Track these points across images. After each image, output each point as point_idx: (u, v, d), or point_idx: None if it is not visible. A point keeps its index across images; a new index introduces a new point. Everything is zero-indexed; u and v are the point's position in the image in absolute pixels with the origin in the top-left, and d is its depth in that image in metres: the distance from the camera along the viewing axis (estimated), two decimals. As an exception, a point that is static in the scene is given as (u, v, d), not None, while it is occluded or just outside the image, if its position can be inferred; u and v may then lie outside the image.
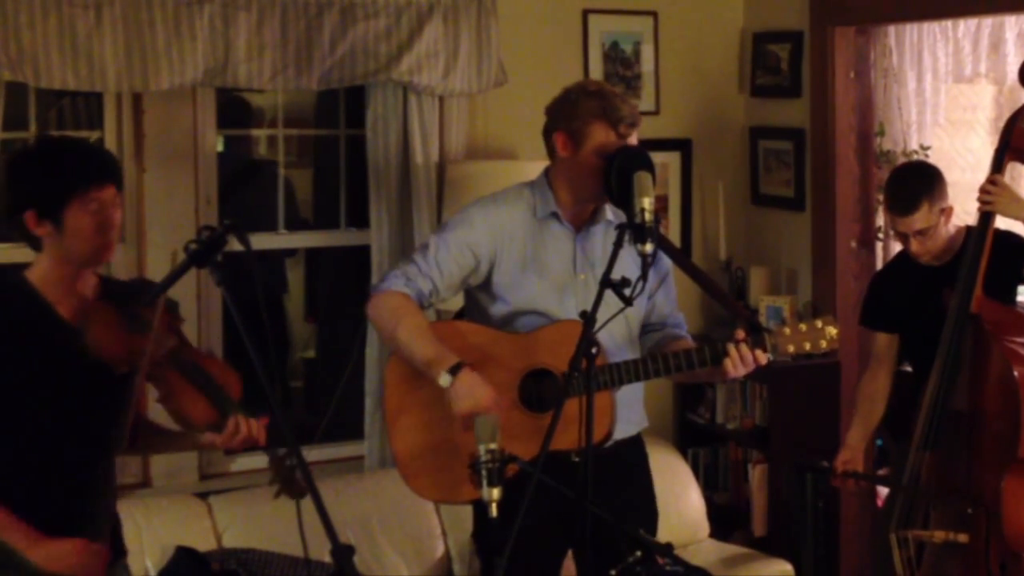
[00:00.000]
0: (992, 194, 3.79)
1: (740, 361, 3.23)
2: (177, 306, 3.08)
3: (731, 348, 3.22)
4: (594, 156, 3.31)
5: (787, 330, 3.26)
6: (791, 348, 3.25)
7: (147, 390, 3.05)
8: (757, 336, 3.25)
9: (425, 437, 3.35)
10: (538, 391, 3.30)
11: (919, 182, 3.96)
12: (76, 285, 2.96)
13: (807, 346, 3.25)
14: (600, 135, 3.31)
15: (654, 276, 3.47)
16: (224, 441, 3.02)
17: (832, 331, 3.25)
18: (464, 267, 3.38)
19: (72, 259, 2.92)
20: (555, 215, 3.41)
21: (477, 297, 3.48)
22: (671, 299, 3.58)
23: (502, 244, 3.39)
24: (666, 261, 3.54)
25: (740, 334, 3.24)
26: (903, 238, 4.01)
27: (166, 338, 2.97)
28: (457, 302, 3.74)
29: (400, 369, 3.38)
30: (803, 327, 3.26)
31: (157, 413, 3.15)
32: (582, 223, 3.43)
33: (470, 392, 3.17)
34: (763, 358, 3.25)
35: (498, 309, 3.42)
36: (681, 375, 3.49)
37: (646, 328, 3.55)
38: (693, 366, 3.27)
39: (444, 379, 3.18)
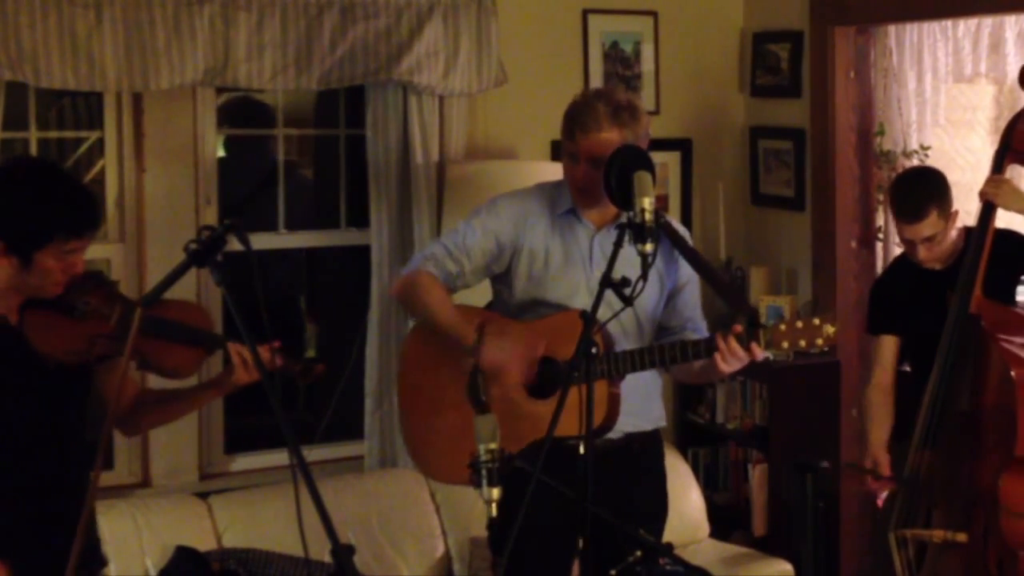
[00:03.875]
0: (995, 186, 3.81)
1: (729, 354, 3.21)
2: (101, 274, 3.06)
3: (719, 340, 3.21)
4: (567, 161, 3.43)
5: (783, 326, 3.24)
6: (786, 344, 3.23)
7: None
8: (752, 330, 3.24)
9: (437, 417, 3.43)
10: (542, 377, 3.33)
11: (926, 189, 3.94)
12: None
13: (803, 343, 3.22)
14: (569, 145, 3.42)
15: (676, 279, 3.52)
16: (245, 375, 3.00)
17: (830, 329, 3.23)
18: (487, 253, 3.47)
19: (24, 290, 2.87)
20: (574, 212, 3.48)
21: (498, 286, 3.57)
22: (693, 304, 3.60)
23: (524, 234, 3.47)
24: (689, 267, 3.56)
25: (737, 328, 3.23)
26: (910, 245, 4.00)
27: (111, 311, 2.93)
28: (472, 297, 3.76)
29: (419, 348, 3.51)
30: (800, 324, 3.23)
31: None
32: (604, 223, 3.46)
33: (498, 367, 3.27)
34: (758, 352, 3.22)
35: (516, 298, 3.50)
36: (682, 373, 3.52)
37: (666, 331, 3.57)
38: (688, 357, 3.28)
39: (470, 345, 3.29)
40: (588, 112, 3.37)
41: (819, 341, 3.22)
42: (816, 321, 3.24)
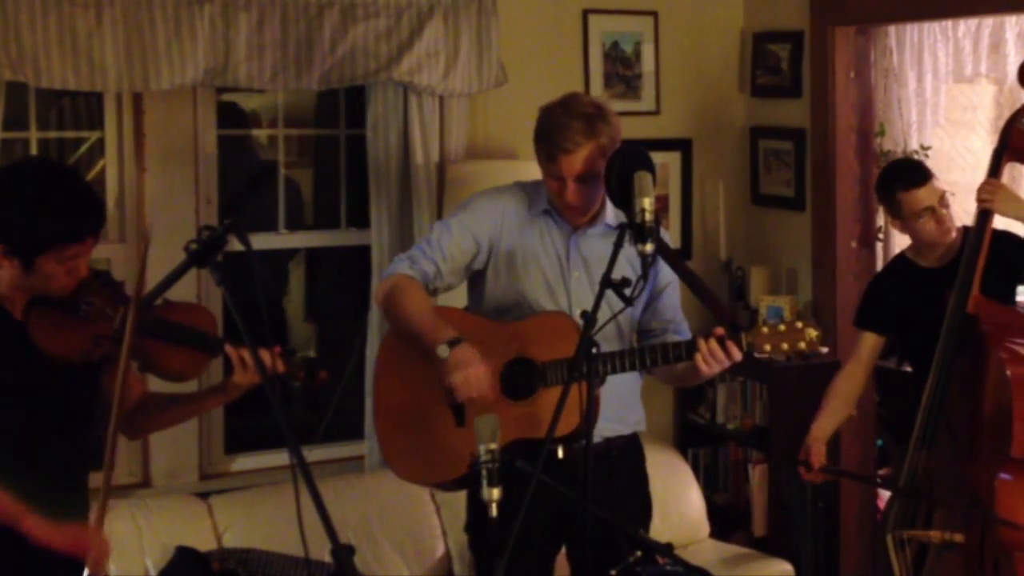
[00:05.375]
0: (990, 192, 3.81)
1: (710, 355, 3.19)
2: (107, 274, 3.05)
3: (700, 342, 3.20)
4: (552, 183, 3.39)
5: (765, 329, 3.22)
6: (768, 347, 3.20)
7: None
8: (733, 334, 3.23)
9: (406, 417, 3.41)
10: (518, 378, 3.32)
11: (916, 162, 4.13)
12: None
13: (784, 346, 3.19)
14: (550, 168, 3.37)
15: (656, 282, 3.50)
16: (243, 377, 2.99)
17: (812, 333, 3.21)
18: (466, 252, 3.44)
19: (30, 291, 2.87)
20: (551, 212, 3.45)
21: (474, 285, 3.55)
22: (674, 306, 3.59)
23: (500, 232, 3.45)
24: (670, 270, 3.55)
25: (718, 331, 3.20)
26: (918, 221, 3.96)
27: (115, 312, 2.91)
28: (458, 300, 3.75)
29: (392, 348, 3.47)
30: (782, 328, 3.21)
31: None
32: (581, 223, 3.45)
33: (463, 365, 3.19)
34: (736, 353, 3.19)
35: (491, 298, 3.48)
36: (665, 375, 3.50)
37: (648, 334, 3.57)
38: (669, 359, 3.26)
39: (442, 350, 3.21)
40: (562, 132, 3.31)
41: (801, 345, 3.20)
42: (799, 324, 3.22)
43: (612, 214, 3.42)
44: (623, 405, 3.48)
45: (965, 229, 3.99)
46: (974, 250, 3.80)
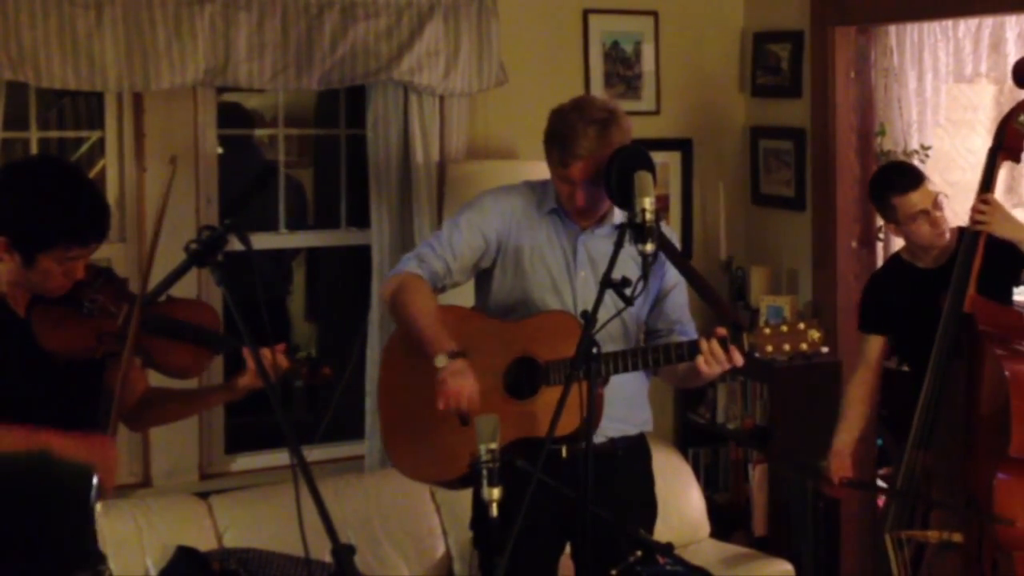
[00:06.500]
0: (985, 213, 3.80)
1: (711, 356, 3.18)
2: (110, 271, 3.06)
3: (702, 342, 3.19)
4: (562, 185, 3.39)
5: (767, 330, 3.21)
6: (770, 348, 3.19)
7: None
8: (735, 334, 3.23)
9: (408, 414, 3.42)
10: (522, 377, 3.33)
11: (908, 165, 4.14)
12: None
13: (786, 347, 3.18)
14: (561, 171, 3.37)
15: (663, 283, 3.50)
16: (251, 380, 3.01)
17: (814, 334, 3.20)
18: (475, 249, 3.45)
19: (27, 287, 2.87)
20: (557, 211, 3.46)
21: (480, 283, 3.55)
22: (681, 307, 3.58)
23: (508, 231, 3.46)
24: (677, 271, 3.55)
25: (720, 331, 3.20)
26: (914, 224, 3.96)
27: (118, 309, 2.92)
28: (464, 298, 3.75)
29: (399, 347, 3.49)
30: (784, 328, 3.21)
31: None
32: (589, 223, 3.45)
33: (454, 379, 3.21)
34: (738, 357, 3.19)
35: (497, 296, 3.49)
36: (668, 376, 3.50)
37: (654, 334, 3.56)
38: (671, 359, 3.26)
39: (441, 359, 3.24)
40: (575, 137, 3.31)
41: (803, 346, 3.19)
42: (801, 325, 3.21)
43: (620, 215, 3.42)
44: (629, 405, 3.48)
45: (960, 230, 3.98)
46: (969, 250, 3.80)
